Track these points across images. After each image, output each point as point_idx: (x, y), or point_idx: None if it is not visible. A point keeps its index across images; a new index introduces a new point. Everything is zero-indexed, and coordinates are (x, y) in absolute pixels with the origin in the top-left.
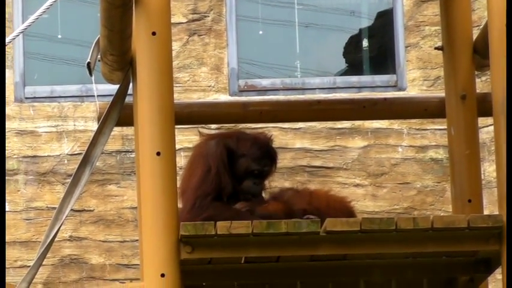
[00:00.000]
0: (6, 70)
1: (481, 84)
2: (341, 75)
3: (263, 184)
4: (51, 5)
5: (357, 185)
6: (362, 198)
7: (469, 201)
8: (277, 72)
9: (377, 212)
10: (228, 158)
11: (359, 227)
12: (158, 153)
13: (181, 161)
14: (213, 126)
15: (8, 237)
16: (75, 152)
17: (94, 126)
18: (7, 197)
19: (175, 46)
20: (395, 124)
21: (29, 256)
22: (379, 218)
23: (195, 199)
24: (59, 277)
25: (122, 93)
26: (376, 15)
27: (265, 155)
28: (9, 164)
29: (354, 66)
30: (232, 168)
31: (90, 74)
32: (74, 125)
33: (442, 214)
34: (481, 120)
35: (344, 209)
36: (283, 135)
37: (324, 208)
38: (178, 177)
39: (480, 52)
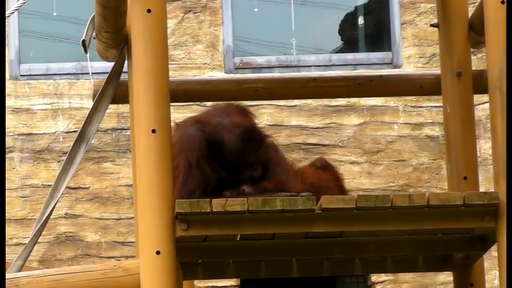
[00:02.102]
0: None
1: (477, 61)
2: (336, 52)
3: (258, 164)
4: None
5: (353, 163)
6: (358, 176)
7: (465, 178)
8: (272, 49)
9: (373, 189)
10: (208, 148)
11: (354, 204)
12: (153, 131)
13: None
14: (208, 103)
15: None
16: (71, 130)
17: (89, 103)
18: None
19: (171, 23)
20: (391, 101)
21: (24, 234)
22: (374, 195)
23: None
24: (54, 254)
25: (117, 71)
26: None
27: (255, 143)
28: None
29: (349, 44)
30: (218, 158)
31: (85, 51)
32: (69, 103)
33: (437, 191)
34: (477, 98)
35: (335, 185)
36: (279, 113)
37: (316, 185)
38: None
39: (476, 29)
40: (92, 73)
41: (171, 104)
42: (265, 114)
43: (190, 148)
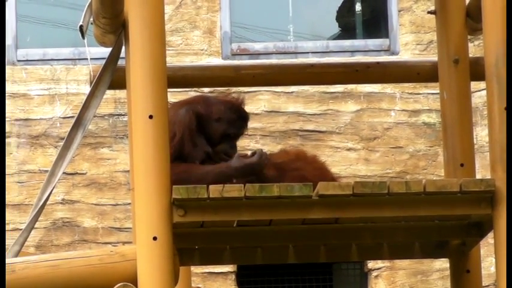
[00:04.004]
0: None
1: (474, 48)
2: (334, 39)
3: (236, 145)
4: None
5: (350, 149)
6: (355, 162)
7: (462, 165)
8: (270, 36)
9: (369, 176)
10: (199, 124)
11: (351, 190)
12: (151, 117)
13: None
14: (206, 89)
15: None
16: (68, 115)
17: (86, 89)
18: None
19: (168, 9)
20: (388, 88)
21: (21, 219)
22: (371, 181)
23: None
24: (51, 240)
25: (114, 56)
26: None
27: (240, 118)
28: None
29: (347, 30)
30: (206, 132)
31: (83, 36)
32: (67, 88)
33: (434, 178)
34: (474, 85)
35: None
36: (276, 99)
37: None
38: None
39: (473, 16)
40: (90, 58)
41: (168, 89)
42: (262, 101)
43: (178, 122)
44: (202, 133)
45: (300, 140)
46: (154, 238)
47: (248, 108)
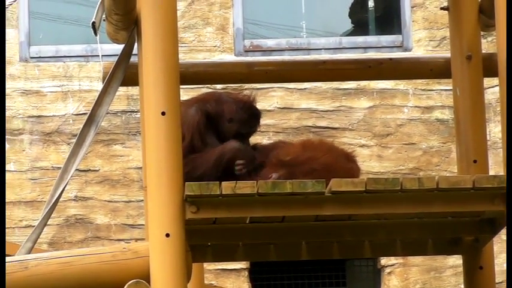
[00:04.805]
0: (11, 30)
1: (487, 44)
2: (347, 35)
3: (249, 143)
4: None
5: (363, 146)
6: (368, 159)
7: (475, 161)
8: (282, 32)
9: (382, 172)
10: (209, 123)
11: (364, 187)
12: (163, 113)
13: None
14: (219, 86)
15: (13, 197)
16: (80, 112)
17: (99, 86)
18: (12, 157)
19: (181, 6)
20: (401, 84)
21: (34, 216)
22: (384, 178)
23: None
24: (64, 237)
25: (127, 53)
26: None
27: (252, 116)
28: (15, 123)
29: (359, 27)
30: (218, 131)
31: (95, 33)
32: (79, 85)
33: (447, 175)
34: (487, 81)
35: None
36: (289, 96)
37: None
38: None
39: (486, 12)
40: (102, 55)
41: (181, 86)
42: (275, 97)
43: (187, 123)
44: (214, 131)
45: (312, 136)
46: (167, 235)
47: (261, 104)
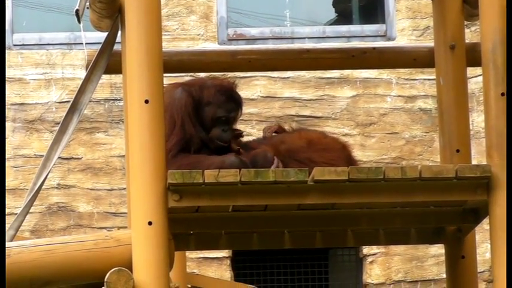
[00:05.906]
0: None
1: (470, 34)
2: (330, 24)
3: (231, 130)
4: None
5: (346, 135)
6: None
7: (457, 151)
8: (266, 21)
9: (365, 161)
10: (193, 108)
11: (347, 176)
12: (146, 101)
13: None
14: (202, 74)
15: None
16: (63, 100)
17: (82, 73)
18: None
19: None
20: (384, 74)
21: (16, 203)
22: (367, 167)
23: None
24: (46, 225)
25: (110, 41)
26: None
27: (230, 100)
28: None
29: (343, 16)
30: (199, 117)
31: (79, 21)
32: (62, 73)
33: (430, 164)
34: (470, 70)
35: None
36: (272, 84)
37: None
38: None
39: (469, 2)
40: (85, 43)
41: (164, 75)
42: (259, 86)
43: (175, 106)
44: (197, 119)
45: (295, 125)
46: (150, 223)
47: (244, 93)
